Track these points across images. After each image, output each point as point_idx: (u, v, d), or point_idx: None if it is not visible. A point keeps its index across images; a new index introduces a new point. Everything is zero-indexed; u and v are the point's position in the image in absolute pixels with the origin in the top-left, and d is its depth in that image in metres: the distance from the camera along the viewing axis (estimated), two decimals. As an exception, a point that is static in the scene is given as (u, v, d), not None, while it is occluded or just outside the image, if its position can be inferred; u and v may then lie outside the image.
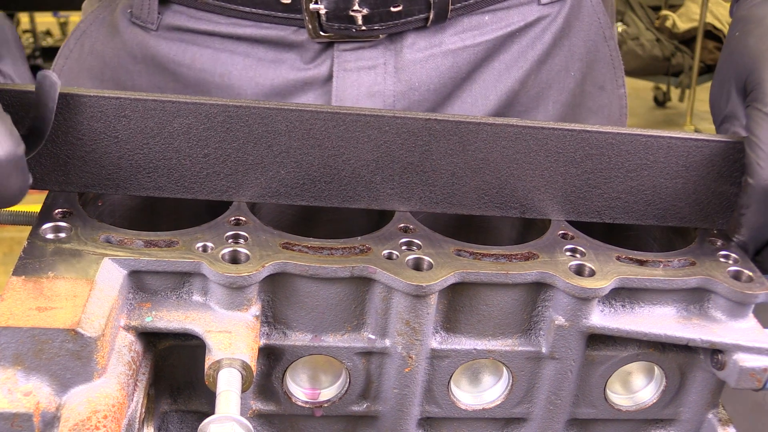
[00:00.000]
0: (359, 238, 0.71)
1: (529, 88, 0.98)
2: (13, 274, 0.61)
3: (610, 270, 0.71)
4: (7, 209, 0.76)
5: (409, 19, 0.90)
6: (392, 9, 0.88)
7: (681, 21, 5.21)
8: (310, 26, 0.89)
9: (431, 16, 0.90)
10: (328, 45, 0.91)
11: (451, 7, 0.90)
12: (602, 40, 1.04)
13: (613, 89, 1.06)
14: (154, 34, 0.94)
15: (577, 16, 1.00)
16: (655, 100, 5.65)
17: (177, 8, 0.93)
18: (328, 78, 0.92)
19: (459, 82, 0.95)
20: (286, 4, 0.88)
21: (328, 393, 0.73)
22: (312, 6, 0.87)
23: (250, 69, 0.92)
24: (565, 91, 1.01)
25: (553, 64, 0.99)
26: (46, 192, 0.72)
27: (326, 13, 0.87)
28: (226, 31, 0.92)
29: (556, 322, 0.71)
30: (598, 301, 0.71)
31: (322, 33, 0.89)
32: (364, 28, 0.88)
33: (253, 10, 0.89)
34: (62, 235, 0.67)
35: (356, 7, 0.87)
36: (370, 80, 0.92)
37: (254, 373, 0.63)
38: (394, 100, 0.93)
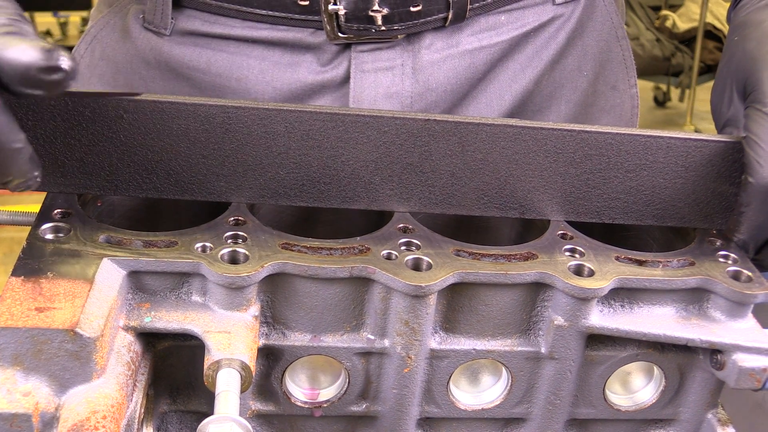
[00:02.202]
0: (358, 238, 0.71)
1: (542, 87, 0.98)
2: (12, 275, 0.61)
3: (609, 270, 0.71)
4: (7, 209, 0.76)
5: (428, 18, 0.89)
6: (412, 9, 0.88)
7: (681, 21, 5.21)
8: (328, 27, 0.88)
9: (450, 16, 0.90)
10: (345, 46, 0.91)
11: (469, 6, 0.90)
12: (615, 39, 1.04)
13: (626, 89, 1.07)
14: (167, 39, 0.93)
15: (590, 16, 1.01)
16: (655, 100, 5.65)
17: (191, 12, 0.92)
18: (346, 80, 0.91)
19: (475, 83, 0.95)
20: (304, 5, 0.88)
21: (327, 393, 0.73)
22: (331, 7, 0.86)
23: (266, 73, 0.91)
24: (578, 90, 1.01)
25: (567, 63, 0.99)
26: (45, 192, 0.72)
27: (345, 13, 0.87)
28: (241, 35, 0.91)
29: (555, 322, 0.71)
30: (598, 302, 0.71)
31: (340, 34, 0.88)
32: (383, 28, 0.88)
33: (270, 12, 0.89)
34: (61, 235, 0.67)
35: (376, 7, 0.86)
36: (388, 81, 0.91)
37: (253, 374, 0.63)
38: (411, 101, 0.92)
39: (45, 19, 6.01)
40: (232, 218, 0.71)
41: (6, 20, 0.60)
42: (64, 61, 0.57)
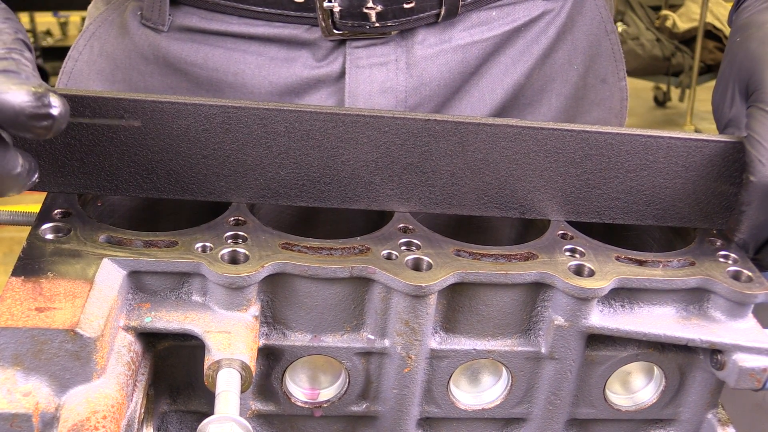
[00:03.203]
0: (358, 238, 0.71)
1: (533, 81, 0.99)
2: (12, 275, 0.61)
3: (609, 270, 0.71)
4: (7, 209, 0.76)
5: (421, 15, 0.90)
6: (405, 5, 0.89)
7: (681, 21, 5.21)
8: (323, 24, 0.89)
9: (442, 12, 0.91)
10: (340, 42, 0.91)
11: (461, 2, 0.91)
12: (604, 33, 1.05)
13: (615, 82, 1.08)
14: (165, 35, 0.94)
15: (579, 10, 1.02)
16: (655, 100, 5.65)
17: (188, 9, 0.93)
18: (341, 75, 0.92)
19: (468, 77, 0.96)
20: (299, 2, 0.89)
21: (327, 393, 0.73)
22: (326, 4, 0.87)
23: (262, 68, 0.92)
24: (568, 84, 1.02)
25: (557, 57, 1.00)
26: (46, 192, 0.72)
27: (340, 11, 0.88)
28: (238, 31, 0.92)
29: (555, 322, 0.71)
30: (598, 302, 0.71)
31: (335, 31, 0.89)
32: (377, 24, 0.89)
33: (266, 9, 0.90)
34: (61, 235, 0.67)
35: (370, 5, 0.88)
36: (382, 76, 0.92)
37: (253, 374, 0.63)
38: (406, 95, 0.93)
39: (45, 19, 6.02)
40: (233, 218, 0.71)
41: (1, 51, 0.59)
42: (55, 108, 0.56)
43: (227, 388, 0.60)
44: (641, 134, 0.74)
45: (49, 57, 5.41)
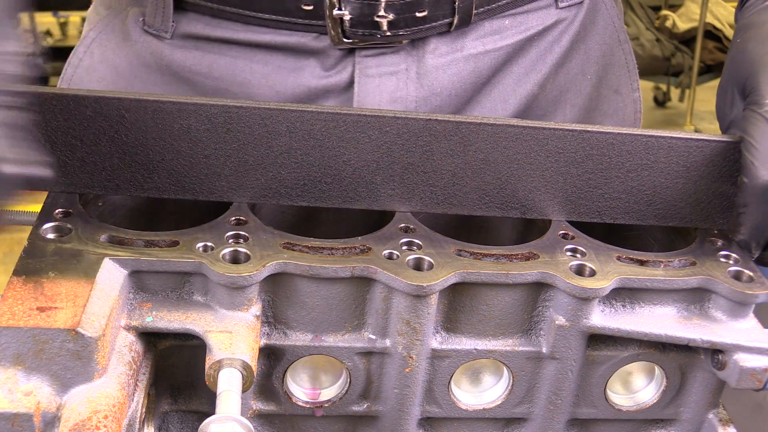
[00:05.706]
0: (360, 238, 0.71)
1: (547, 92, 0.98)
2: (13, 274, 0.61)
3: (610, 270, 0.71)
4: (7, 209, 0.76)
5: (434, 24, 0.89)
6: (417, 14, 0.87)
7: (681, 21, 5.21)
8: (333, 32, 0.87)
9: (455, 21, 0.89)
10: (349, 51, 0.90)
11: (474, 11, 0.90)
12: (617, 43, 1.04)
13: (628, 92, 1.06)
14: (168, 43, 0.92)
15: (593, 20, 1.00)
16: (655, 100, 5.65)
17: (192, 16, 0.91)
18: (350, 84, 0.91)
19: (480, 87, 0.94)
20: (308, 10, 0.87)
21: (328, 393, 0.73)
22: (336, 12, 0.85)
23: (269, 77, 0.91)
24: (581, 94, 1.00)
25: (571, 67, 0.99)
26: (47, 192, 0.72)
27: (350, 19, 0.86)
28: (244, 39, 0.90)
29: (556, 322, 0.71)
30: (599, 301, 0.71)
31: (345, 39, 0.87)
32: (388, 33, 0.87)
33: (273, 17, 0.88)
34: (63, 235, 0.67)
35: (381, 13, 0.86)
36: (392, 86, 0.91)
37: (255, 373, 0.63)
38: (416, 105, 0.92)
39: (45, 19, 6.01)
40: (234, 218, 0.71)
41: None
42: None
43: (228, 388, 0.60)
44: (642, 134, 0.74)
45: (49, 57, 5.40)
